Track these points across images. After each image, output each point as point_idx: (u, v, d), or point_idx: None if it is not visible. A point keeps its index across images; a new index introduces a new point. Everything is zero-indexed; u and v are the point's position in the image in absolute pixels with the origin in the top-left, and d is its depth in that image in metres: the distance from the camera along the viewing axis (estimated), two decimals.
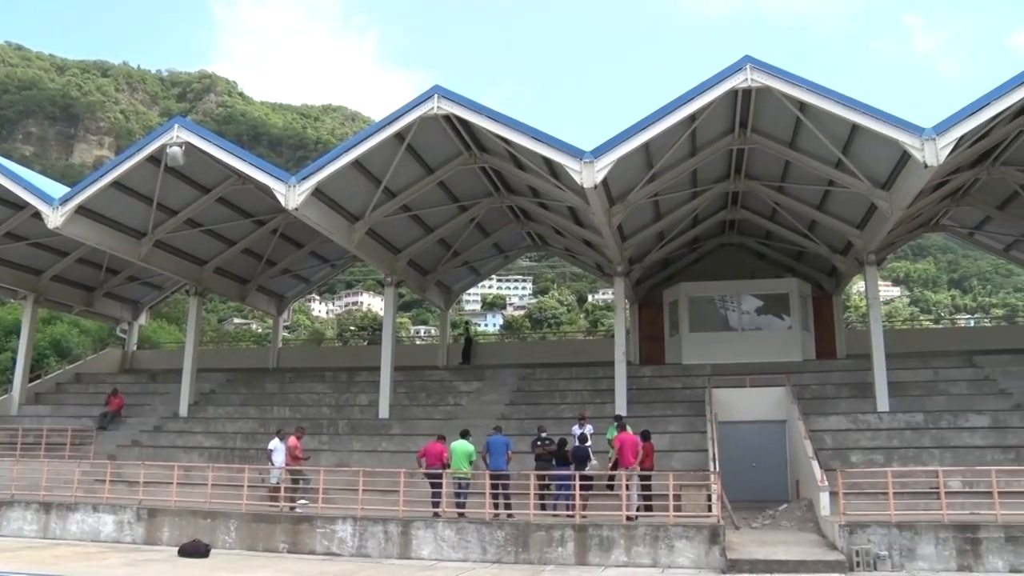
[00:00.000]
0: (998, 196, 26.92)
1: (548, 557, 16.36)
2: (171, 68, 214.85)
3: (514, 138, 20.16)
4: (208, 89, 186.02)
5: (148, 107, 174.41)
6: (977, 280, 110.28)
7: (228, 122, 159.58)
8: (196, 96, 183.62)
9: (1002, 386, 25.12)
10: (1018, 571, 15.05)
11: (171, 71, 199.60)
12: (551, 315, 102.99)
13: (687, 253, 32.18)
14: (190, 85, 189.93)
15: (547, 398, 27.36)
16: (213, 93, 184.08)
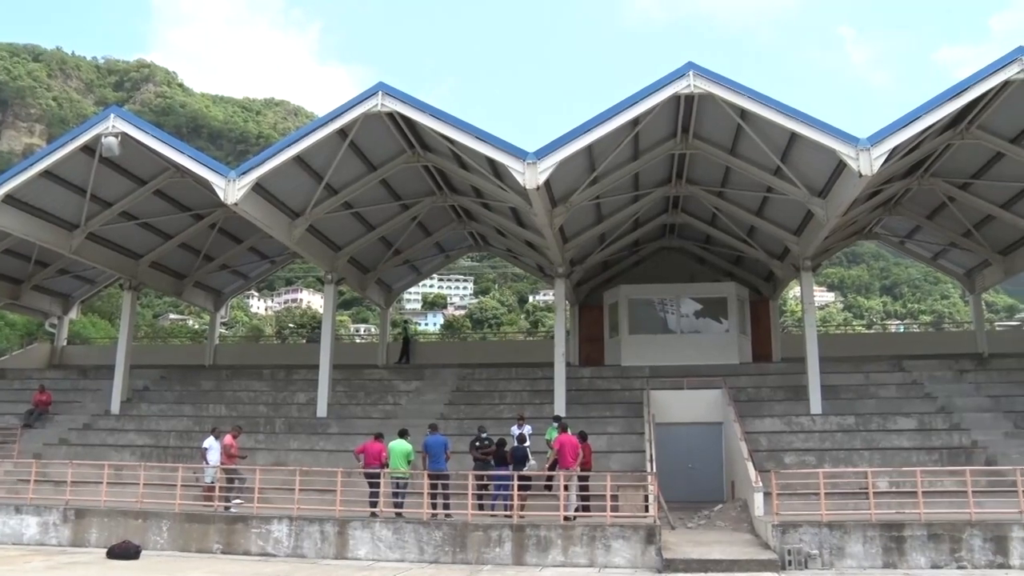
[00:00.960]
0: (927, 206, 27.76)
1: (486, 557, 16.37)
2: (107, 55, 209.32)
3: (458, 138, 20.13)
4: (146, 79, 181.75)
5: (83, 95, 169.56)
6: (907, 287, 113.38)
7: (167, 113, 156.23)
8: (134, 85, 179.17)
9: (928, 390, 25.89)
10: (938, 567, 15.60)
11: (108, 59, 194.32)
12: (492, 315, 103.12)
13: (628, 255, 32.48)
14: (127, 74, 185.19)
15: (486, 398, 27.36)
16: (151, 83, 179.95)
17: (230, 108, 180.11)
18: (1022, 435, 22.56)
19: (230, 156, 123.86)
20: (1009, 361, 28.61)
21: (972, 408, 24.30)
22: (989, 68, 19.31)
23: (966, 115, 21.12)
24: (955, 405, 24.46)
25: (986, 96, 19.93)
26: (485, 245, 34.02)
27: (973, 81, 19.25)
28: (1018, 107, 20.56)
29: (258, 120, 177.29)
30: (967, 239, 28.45)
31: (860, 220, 28.57)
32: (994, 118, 21.37)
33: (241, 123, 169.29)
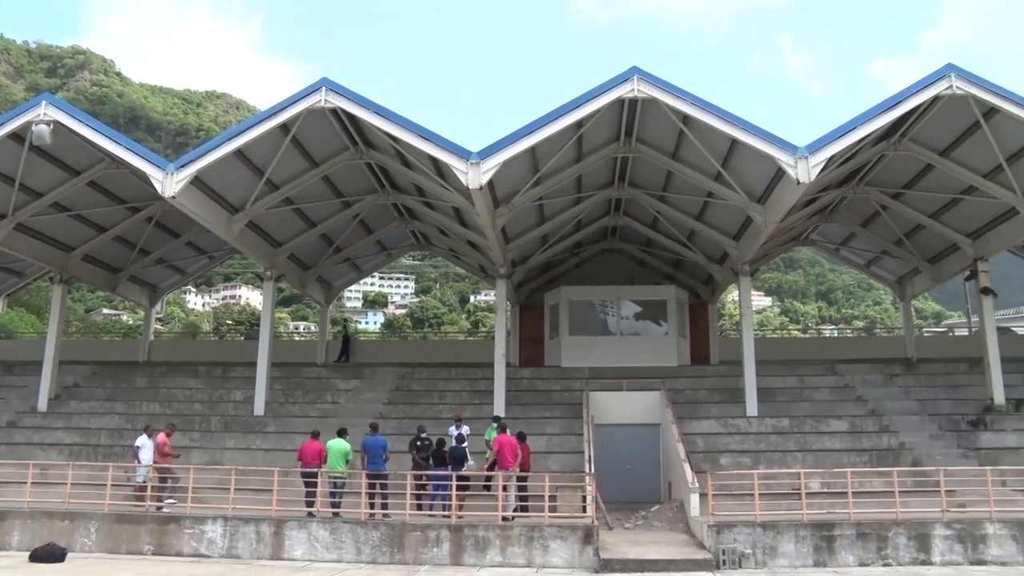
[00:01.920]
0: (862, 214, 28.46)
1: (423, 557, 16.31)
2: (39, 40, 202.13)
3: (402, 136, 20.02)
4: (81, 66, 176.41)
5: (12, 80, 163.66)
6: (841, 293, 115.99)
7: (103, 103, 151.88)
8: (68, 72, 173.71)
9: (859, 393, 26.59)
10: (866, 565, 16.09)
11: (40, 43, 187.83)
12: (433, 315, 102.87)
13: (569, 257, 32.65)
14: (61, 60, 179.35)
15: (426, 398, 27.28)
16: (87, 71, 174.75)
17: (170, 99, 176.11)
18: (946, 437, 23.32)
19: (169, 148, 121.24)
20: (935, 366, 29.52)
21: (900, 411, 25.03)
22: (921, 83, 19.93)
23: (899, 127, 21.74)
24: (885, 408, 25.17)
25: (918, 109, 20.58)
26: (427, 244, 33.89)
27: (906, 95, 19.84)
28: (947, 121, 21.24)
29: (199, 112, 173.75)
30: (898, 247, 29.24)
31: (797, 226, 29.18)
32: (925, 131, 22.05)
33: (181, 115, 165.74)
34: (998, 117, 20.22)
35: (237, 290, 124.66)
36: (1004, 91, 19.75)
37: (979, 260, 25.58)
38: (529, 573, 15.57)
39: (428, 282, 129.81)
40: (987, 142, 20.85)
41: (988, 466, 19.34)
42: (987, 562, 16.16)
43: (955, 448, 22.62)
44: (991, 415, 24.40)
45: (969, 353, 28.94)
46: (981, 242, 25.46)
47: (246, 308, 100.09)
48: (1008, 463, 20.98)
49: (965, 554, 16.27)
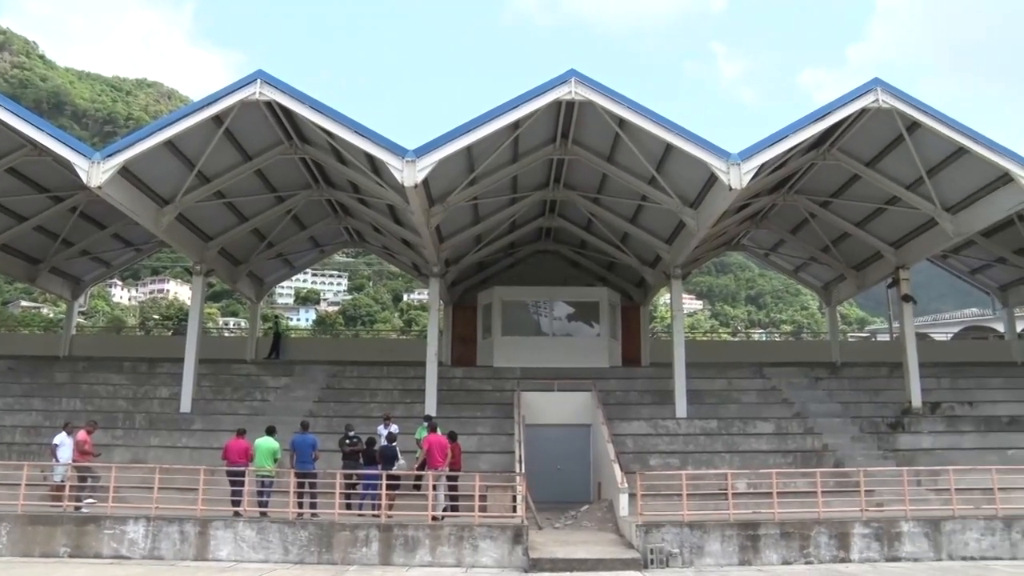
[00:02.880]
0: (791, 222, 29.13)
1: (352, 557, 16.16)
2: None
3: (337, 131, 19.80)
4: (1, 47, 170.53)
5: None
6: (770, 297, 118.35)
7: (25, 86, 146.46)
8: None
9: (786, 396, 27.20)
10: (789, 563, 16.49)
11: None
12: (365, 312, 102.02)
13: (503, 257, 32.71)
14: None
15: (357, 396, 27.03)
16: (7, 52, 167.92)
17: (97, 86, 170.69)
18: (867, 439, 24.01)
19: (96, 137, 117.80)
20: (858, 370, 30.37)
21: (824, 413, 25.67)
22: (849, 95, 20.52)
23: (828, 137, 22.31)
24: (809, 410, 25.79)
25: (846, 121, 21.19)
26: (361, 241, 33.62)
27: (835, 106, 20.40)
28: (874, 133, 21.90)
29: (128, 101, 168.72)
30: (825, 254, 30.00)
31: (729, 232, 29.72)
32: (852, 142, 22.69)
33: (109, 103, 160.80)
34: (920, 131, 20.92)
35: (165, 284, 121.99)
36: (926, 107, 20.46)
37: (901, 268, 26.40)
38: (459, 573, 15.54)
39: (361, 280, 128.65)
40: (910, 155, 21.56)
41: (905, 467, 20.11)
42: (901, 558, 16.78)
43: (875, 449, 23.31)
44: (909, 418, 25.21)
45: (890, 358, 29.81)
46: (903, 251, 26.28)
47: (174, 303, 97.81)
48: (923, 463, 21.76)
49: (881, 551, 16.83)
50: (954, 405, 26.49)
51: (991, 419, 25.52)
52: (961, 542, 17.12)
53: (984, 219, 22.65)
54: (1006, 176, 20.53)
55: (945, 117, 20.43)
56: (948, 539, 17.09)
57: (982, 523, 17.33)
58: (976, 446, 23.60)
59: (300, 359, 31.50)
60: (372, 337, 60.50)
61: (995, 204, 21.67)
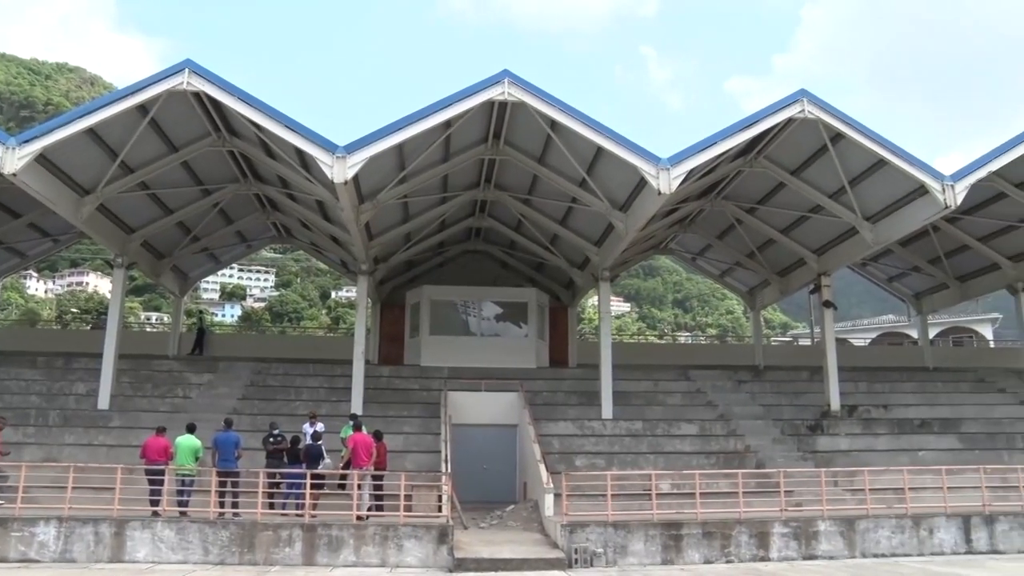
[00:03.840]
0: (718, 227, 29.68)
1: (274, 558, 15.91)
2: None
3: (267, 125, 19.45)
4: None
5: None
6: (697, 301, 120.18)
7: None
8: None
9: (710, 398, 27.69)
10: (710, 562, 16.83)
11: None
12: (292, 309, 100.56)
13: (432, 256, 32.61)
14: None
15: (282, 394, 26.62)
16: None
17: (14, 68, 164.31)
18: (787, 441, 24.58)
19: (11, 122, 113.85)
20: (780, 373, 31.10)
21: (747, 416, 26.22)
22: (777, 105, 20.98)
23: (756, 145, 22.79)
24: (733, 413, 26.30)
25: (773, 130, 21.69)
26: (289, 237, 33.14)
27: (763, 115, 20.85)
28: (800, 142, 22.46)
29: (47, 86, 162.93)
30: (751, 260, 30.64)
31: (657, 235, 30.13)
32: (779, 151, 23.23)
33: (27, 86, 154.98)
34: (843, 142, 21.52)
35: (84, 277, 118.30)
36: (849, 119, 21.06)
37: (823, 275, 27.11)
38: (383, 573, 15.44)
39: (289, 276, 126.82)
40: (833, 165, 22.17)
41: (823, 468, 20.68)
42: (818, 556, 17.28)
43: (795, 451, 23.88)
44: (827, 420, 25.91)
45: (810, 362, 30.63)
46: (825, 258, 26.99)
47: (94, 296, 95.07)
48: (840, 465, 22.46)
49: (799, 550, 17.29)
50: (870, 408, 27.36)
51: (904, 422, 26.41)
52: (874, 540, 17.74)
53: (901, 229, 23.40)
54: (922, 188, 21.24)
55: (867, 130, 21.06)
56: (862, 537, 17.69)
57: (893, 521, 18.01)
58: (889, 448, 24.42)
59: (224, 355, 30.91)
60: (299, 334, 59.78)
61: (912, 215, 22.41)
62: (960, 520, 18.39)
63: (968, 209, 24.49)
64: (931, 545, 18.01)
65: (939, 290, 33.06)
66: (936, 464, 21.05)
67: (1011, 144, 21.92)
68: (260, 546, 15.98)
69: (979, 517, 18.50)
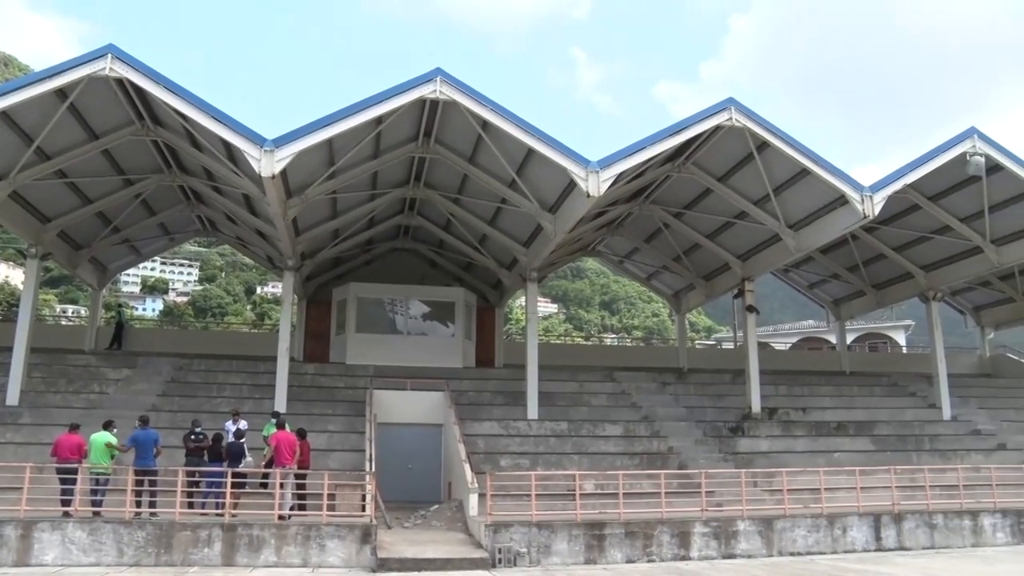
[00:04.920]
0: (646, 230, 30.05)
1: (193, 558, 15.53)
2: None
3: (193, 115, 18.95)
4: None
5: None
6: (623, 303, 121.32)
7: None
8: None
9: (634, 400, 28.02)
10: (632, 561, 17.06)
11: None
12: (216, 304, 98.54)
13: (360, 253, 32.29)
14: None
15: (204, 390, 26.06)
16: None
17: None
18: (709, 442, 25.01)
19: None
20: (703, 376, 31.66)
21: (670, 417, 26.61)
22: (705, 112, 21.34)
23: (684, 151, 23.13)
24: (656, 414, 26.67)
25: (701, 136, 22.03)
26: (214, 231, 32.45)
27: (692, 122, 21.19)
28: (727, 150, 22.87)
29: None
30: (677, 263, 31.11)
31: (585, 237, 30.36)
32: (707, 157, 23.62)
33: None
34: (769, 151, 21.99)
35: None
36: (775, 128, 21.55)
37: (746, 280, 27.68)
38: (305, 573, 15.23)
39: (213, 270, 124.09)
40: (758, 173, 22.64)
41: (743, 469, 21.12)
42: (737, 555, 17.67)
43: (716, 452, 24.32)
44: (748, 422, 26.46)
45: (733, 365, 31.24)
46: (749, 263, 27.55)
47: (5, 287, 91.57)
48: (760, 466, 22.97)
49: (719, 549, 17.64)
50: (789, 411, 28.04)
51: (821, 424, 27.14)
52: (791, 539, 18.22)
53: (822, 237, 24.02)
54: (842, 198, 21.83)
55: (792, 139, 21.57)
56: (779, 536, 18.14)
57: (809, 521, 18.53)
58: (807, 449, 25.06)
59: (144, 351, 30.10)
60: (223, 330, 58.66)
61: (832, 224, 23.02)
62: (871, 519, 19.06)
63: (885, 219, 25.34)
64: (844, 543, 18.62)
65: (856, 297, 34.07)
66: (851, 465, 21.78)
67: (925, 158, 22.70)
68: (178, 546, 15.59)
69: (888, 516, 19.24)
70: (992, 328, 37.26)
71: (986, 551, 18.99)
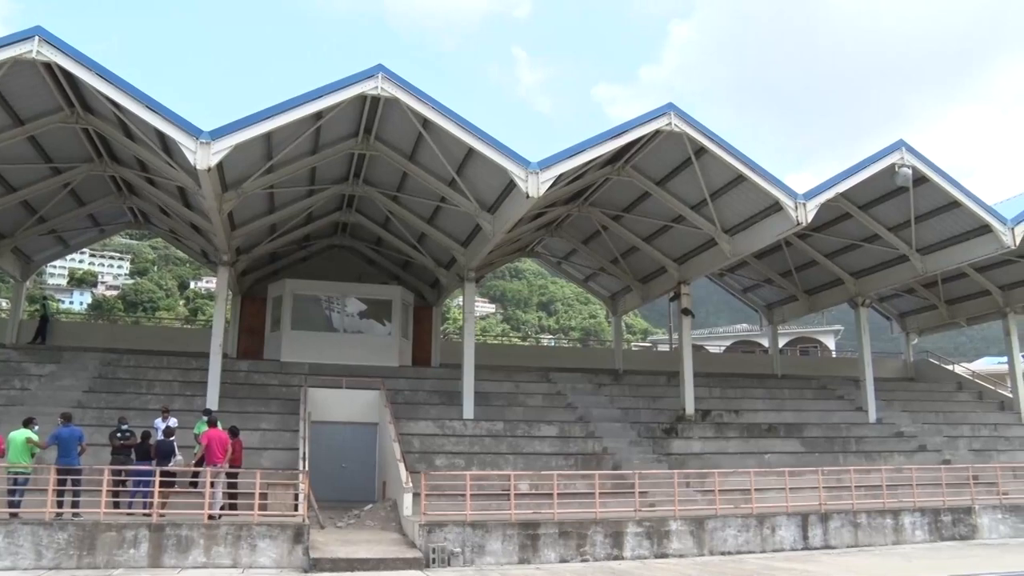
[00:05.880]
0: (584, 232, 30.22)
1: (118, 560, 15.11)
2: None
3: (127, 104, 18.43)
4: None
5: None
6: (561, 304, 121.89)
7: None
8: None
9: (570, 400, 28.16)
10: (566, 561, 17.16)
11: None
12: (148, 299, 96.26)
13: (297, 250, 31.88)
14: None
15: (132, 387, 25.40)
16: None
17: None
18: (643, 443, 25.27)
19: None
20: (639, 378, 31.96)
21: (606, 418, 26.79)
22: (645, 116, 21.54)
23: (624, 154, 23.32)
24: (592, 415, 26.83)
25: (641, 140, 22.22)
26: (146, 223, 31.71)
27: (632, 125, 21.38)
28: (666, 154, 23.12)
29: None
30: (614, 266, 31.34)
31: (524, 238, 30.43)
32: (646, 161, 23.85)
33: None
34: (707, 156, 22.31)
35: None
36: (713, 134, 21.86)
37: (682, 283, 28.05)
38: (235, 574, 14.96)
39: (145, 263, 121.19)
40: (696, 178, 22.95)
41: (676, 469, 21.37)
42: (669, 555, 17.91)
43: (650, 453, 24.58)
44: (682, 424, 26.81)
45: (668, 367, 31.61)
46: (685, 267, 27.92)
47: None
48: (692, 467, 23.30)
49: (652, 548, 17.86)
50: (723, 413, 28.47)
51: (753, 426, 27.64)
52: (721, 538, 18.53)
53: (757, 242, 24.46)
54: (777, 205, 22.26)
55: (729, 146, 21.91)
56: (710, 536, 18.43)
57: (740, 520, 18.86)
58: (739, 451, 25.50)
59: (70, 345, 29.25)
60: (154, 325, 57.43)
61: (767, 230, 23.46)
62: (799, 518, 19.49)
63: (818, 227, 25.91)
64: (773, 542, 19.01)
65: (789, 302, 34.77)
66: (780, 466, 22.22)
67: (857, 168, 23.28)
68: (102, 548, 15.15)
69: (816, 515, 19.71)
70: (916, 334, 38.38)
71: (906, 548, 19.71)
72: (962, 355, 58.95)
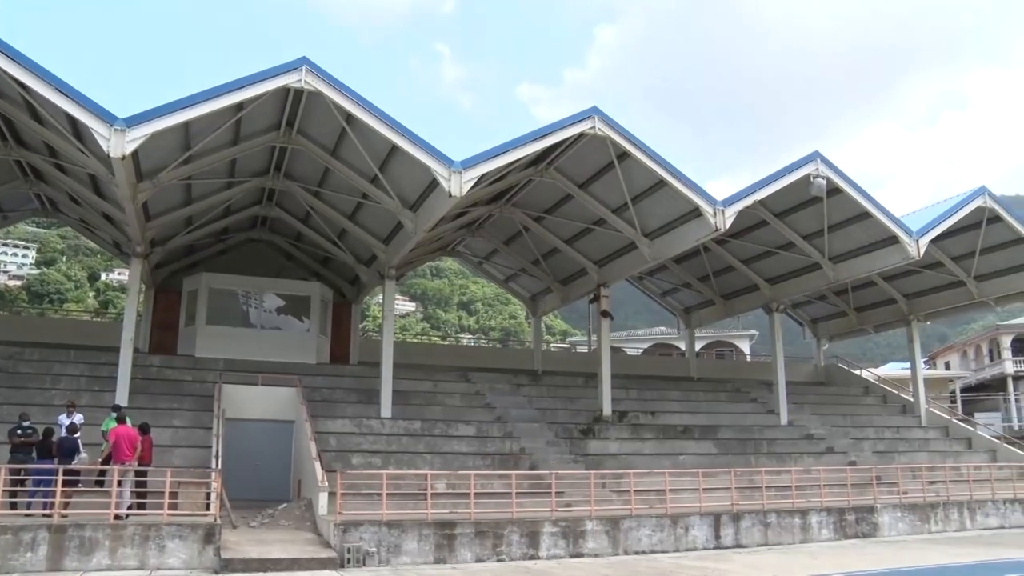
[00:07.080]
0: (506, 233, 30.30)
1: (12, 564, 14.43)
2: None
3: (35, 86, 17.64)
4: None
5: None
6: (481, 304, 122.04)
7: None
8: None
9: (488, 400, 28.19)
10: (482, 560, 17.20)
11: None
12: (55, 290, 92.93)
13: (214, 243, 31.16)
14: None
15: (36, 381, 24.45)
16: None
17: None
18: (561, 444, 25.46)
19: None
20: (557, 378, 32.19)
21: (524, 419, 26.91)
22: (569, 119, 21.69)
23: (547, 156, 23.45)
24: (510, 415, 26.91)
25: (565, 142, 22.36)
26: (55, 211, 30.55)
27: (556, 128, 21.51)
28: (589, 157, 23.33)
29: None
30: (535, 267, 31.51)
31: (446, 237, 30.35)
32: (569, 163, 24.03)
33: None
34: (629, 161, 22.59)
35: None
36: (636, 139, 22.15)
37: (602, 286, 28.36)
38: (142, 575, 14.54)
39: (52, 253, 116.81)
40: (618, 181, 23.22)
41: (592, 470, 21.58)
42: (585, 554, 18.08)
43: (568, 454, 24.77)
44: (599, 425, 27.09)
45: (587, 368, 31.89)
46: (605, 270, 28.22)
47: None
48: (609, 467, 23.55)
49: (567, 548, 18.00)
50: (639, 414, 28.89)
51: (668, 428, 28.11)
52: (636, 538, 18.80)
53: (676, 247, 24.90)
54: (696, 211, 22.68)
55: (651, 151, 22.24)
56: (625, 535, 18.69)
57: (654, 520, 19.19)
58: (655, 452, 25.90)
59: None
60: (61, 317, 55.48)
61: (686, 234, 23.89)
62: (712, 518, 19.91)
63: (735, 233, 26.46)
64: (686, 542, 19.38)
65: (706, 306, 35.46)
66: (695, 467, 22.68)
67: (774, 177, 23.90)
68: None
69: (728, 515, 20.17)
70: (827, 339, 39.57)
71: (812, 546, 20.38)
72: (870, 360, 60.94)
